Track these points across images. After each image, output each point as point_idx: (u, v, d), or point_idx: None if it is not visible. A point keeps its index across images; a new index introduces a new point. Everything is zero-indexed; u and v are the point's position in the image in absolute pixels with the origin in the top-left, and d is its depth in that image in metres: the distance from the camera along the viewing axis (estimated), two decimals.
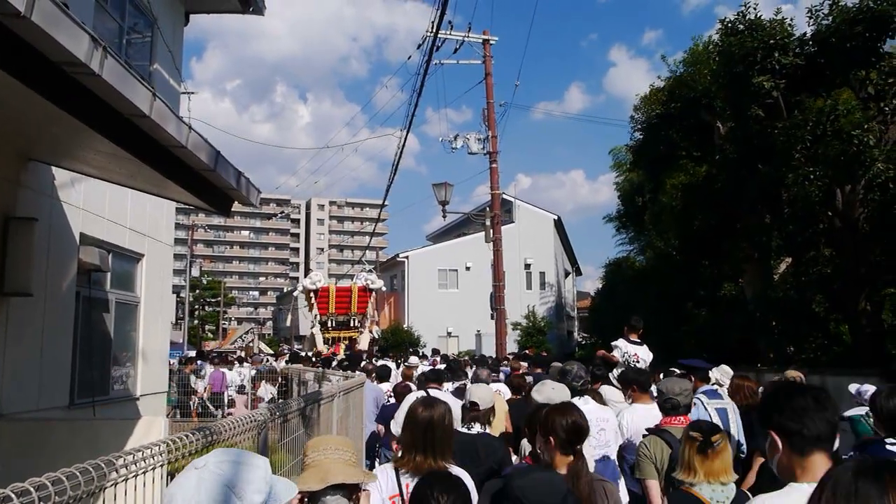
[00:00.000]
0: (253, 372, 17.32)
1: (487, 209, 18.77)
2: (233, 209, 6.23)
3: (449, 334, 35.80)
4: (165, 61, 9.41)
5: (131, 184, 6.37)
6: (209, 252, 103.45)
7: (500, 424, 5.96)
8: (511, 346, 25.81)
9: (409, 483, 3.07)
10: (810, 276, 16.67)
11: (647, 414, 5.10)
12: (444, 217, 19.72)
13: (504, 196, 26.52)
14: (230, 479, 1.54)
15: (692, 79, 18.39)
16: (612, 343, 8.53)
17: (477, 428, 4.26)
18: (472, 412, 4.35)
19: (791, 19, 15.33)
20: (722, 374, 7.08)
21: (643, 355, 8.16)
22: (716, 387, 6.22)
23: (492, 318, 18.36)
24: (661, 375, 7.38)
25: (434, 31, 13.92)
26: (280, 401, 7.02)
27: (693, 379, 5.99)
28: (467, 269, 36.66)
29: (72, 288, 7.12)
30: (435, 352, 21.22)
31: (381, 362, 13.78)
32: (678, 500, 3.12)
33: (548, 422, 3.09)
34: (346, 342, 24.52)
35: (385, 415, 7.50)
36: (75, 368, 7.21)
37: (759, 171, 15.24)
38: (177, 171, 4.70)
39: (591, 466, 3.49)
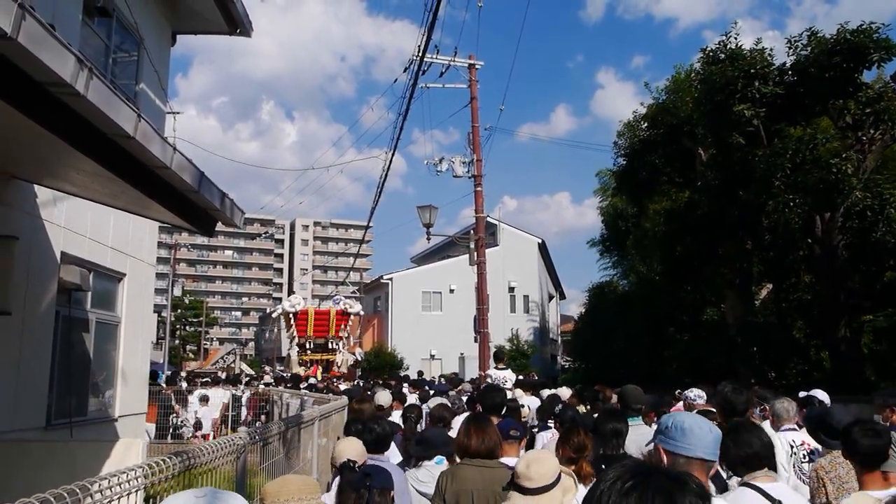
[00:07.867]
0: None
1: (472, 232, 18.74)
2: (216, 229, 6.21)
3: (432, 357, 35.62)
4: (151, 81, 9.41)
5: (114, 203, 6.34)
6: (192, 271, 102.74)
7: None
8: None
9: None
10: (790, 302, 16.83)
11: None
12: (429, 239, 19.74)
13: (489, 219, 26.55)
14: None
15: (674, 106, 18.61)
16: (485, 373, 11.50)
17: None
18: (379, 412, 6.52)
19: (771, 49, 15.63)
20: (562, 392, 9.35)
21: (509, 377, 10.69)
22: None
23: (475, 340, 18.27)
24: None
25: (420, 55, 14.03)
26: (260, 424, 6.98)
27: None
28: (451, 291, 36.59)
29: (51, 307, 7.05)
30: (419, 374, 21.15)
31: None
32: None
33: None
34: (324, 364, 24.50)
35: None
36: (53, 389, 7.11)
37: (740, 198, 15.41)
38: (160, 191, 4.69)
39: None
